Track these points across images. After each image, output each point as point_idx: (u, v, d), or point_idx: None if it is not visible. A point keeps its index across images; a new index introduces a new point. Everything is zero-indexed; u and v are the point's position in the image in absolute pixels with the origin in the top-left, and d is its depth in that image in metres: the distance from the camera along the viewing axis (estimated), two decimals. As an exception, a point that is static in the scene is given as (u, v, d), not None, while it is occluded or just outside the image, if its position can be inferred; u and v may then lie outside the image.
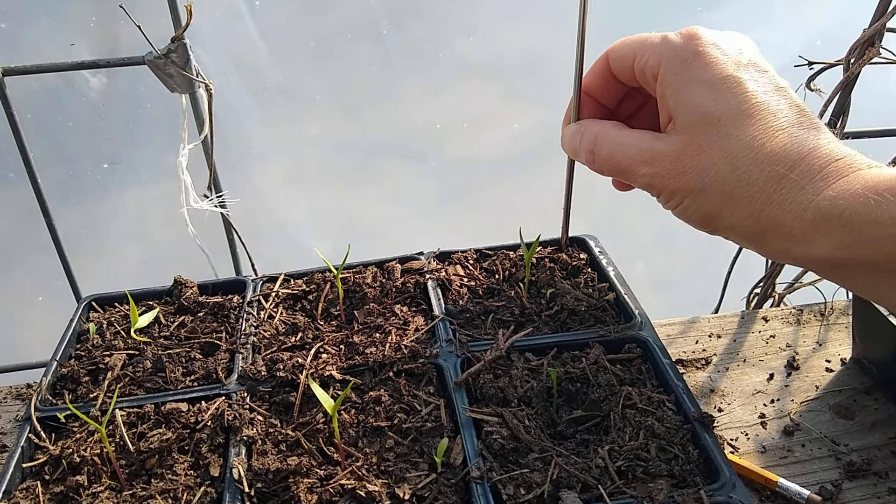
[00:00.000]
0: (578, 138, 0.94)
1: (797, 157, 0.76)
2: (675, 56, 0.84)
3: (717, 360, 1.29)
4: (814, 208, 0.73)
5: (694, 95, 0.82)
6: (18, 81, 1.20)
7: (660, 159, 0.84)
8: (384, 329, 0.96)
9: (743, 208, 0.79)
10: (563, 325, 0.98)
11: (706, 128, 0.81)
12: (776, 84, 0.82)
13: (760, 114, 0.79)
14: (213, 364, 0.92)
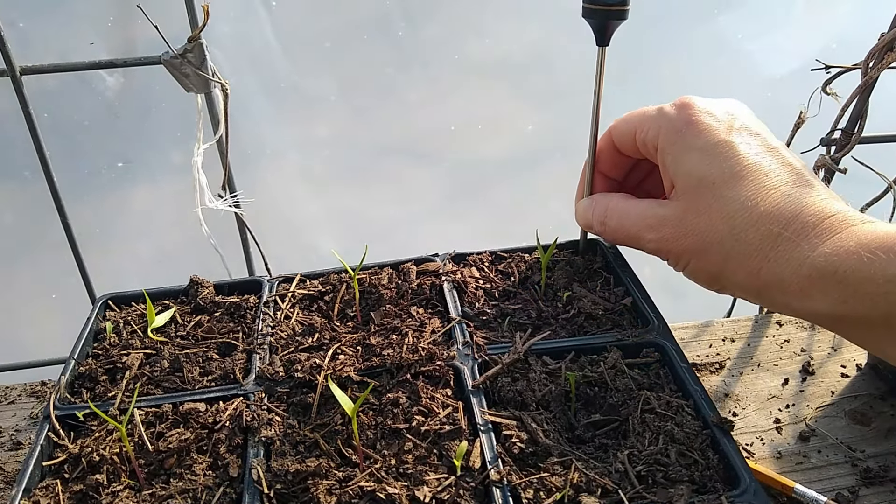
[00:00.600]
0: (591, 211, 1.02)
1: (791, 216, 0.79)
2: (670, 127, 0.90)
3: (732, 364, 1.29)
4: (809, 265, 0.76)
5: (690, 162, 0.87)
6: (35, 80, 1.21)
7: (664, 224, 0.90)
8: (401, 331, 0.96)
9: (742, 266, 0.83)
10: (580, 329, 0.98)
11: (703, 191, 0.86)
12: (768, 145, 0.87)
13: (753, 175, 0.83)
14: (231, 364, 0.92)
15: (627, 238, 0.98)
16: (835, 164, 1.19)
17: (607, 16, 0.91)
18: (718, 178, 0.85)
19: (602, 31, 0.93)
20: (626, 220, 0.96)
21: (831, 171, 1.23)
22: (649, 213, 0.93)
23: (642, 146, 0.95)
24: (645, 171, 1.05)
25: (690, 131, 0.89)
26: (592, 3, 0.91)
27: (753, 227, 0.81)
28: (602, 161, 1.04)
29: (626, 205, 0.98)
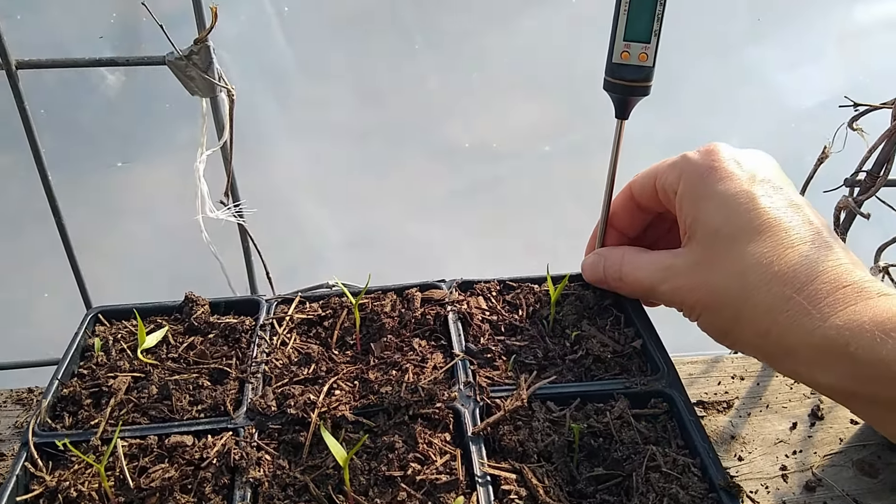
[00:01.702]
0: (601, 265, 1.00)
1: (805, 279, 0.76)
2: (692, 171, 0.87)
3: (740, 403, 1.25)
4: (820, 334, 0.73)
5: (708, 210, 0.84)
6: (33, 75, 1.16)
7: (677, 275, 0.87)
8: (401, 366, 0.92)
9: (751, 326, 0.80)
10: (587, 372, 0.94)
11: (719, 243, 0.83)
12: (791, 200, 0.83)
13: (772, 230, 0.80)
14: (222, 394, 0.89)
15: (642, 290, 0.96)
16: (857, 208, 1.15)
17: (630, 91, 0.89)
18: (736, 231, 0.82)
19: (623, 105, 0.91)
20: (641, 272, 0.94)
21: (853, 214, 1.19)
22: (664, 263, 0.91)
23: (662, 193, 0.92)
24: (661, 229, 1.02)
25: (712, 177, 0.85)
26: (614, 78, 0.88)
27: (766, 286, 0.78)
28: (618, 217, 1.01)
29: (639, 256, 0.96)
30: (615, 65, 0.88)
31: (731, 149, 0.88)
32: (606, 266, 1.00)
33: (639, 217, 1.01)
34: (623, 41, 0.87)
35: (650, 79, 0.89)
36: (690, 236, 0.88)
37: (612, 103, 0.93)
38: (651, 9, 0.85)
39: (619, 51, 0.87)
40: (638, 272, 0.94)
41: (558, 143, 1.77)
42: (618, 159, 0.96)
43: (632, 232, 1.03)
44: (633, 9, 0.85)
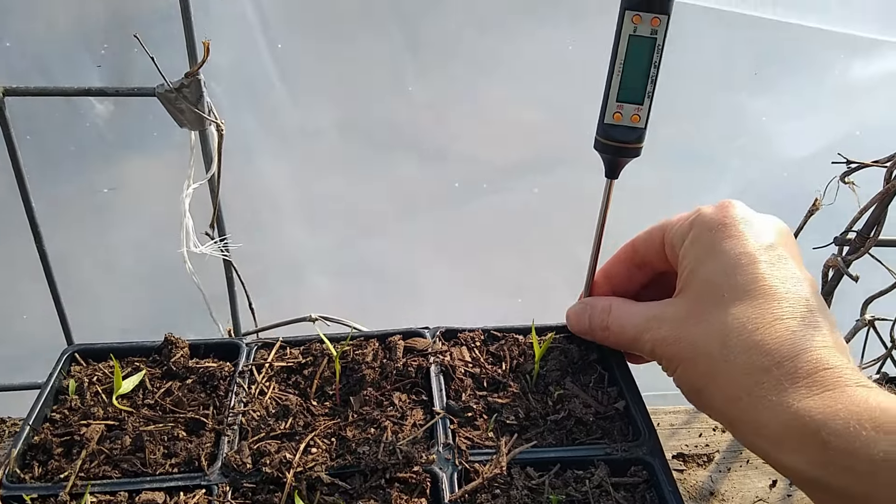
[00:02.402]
0: (587, 315, 0.98)
1: (787, 354, 0.74)
2: (703, 224, 0.85)
3: (720, 457, 1.24)
4: (792, 414, 0.71)
5: (707, 265, 0.83)
6: (20, 102, 1.15)
7: (662, 325, 0.85)
8: (380, 423, 0.91)
9: (724, 390, 0.78)
10: (568, 434, 0.93)
11: (709, 299, 0.81)
12: (792, 273, 0.81)
13: (765, 297, 0.78)
14: (197, 447, 0.87)
15: (626, 341, 0.93)
16: (846, 268, 1.14)
17: (621, 152, 0.89)
18: (728, 290, 0.80)
19: (613, 165, 0.91)
20: (626, 321, 0.92)
21: (841, 273, 1.18)
22: (651, 312, 0.89)
23: (669, 246, 0.91)
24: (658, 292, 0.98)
25: (720, 233, 0.84)
26: (606, 139, 0.88)
27: (746, 352, 0.76)
28: (615, 274, 1.00)
29: (627, 307, 0.94)
30: (607, 125, 0.88)
31: (745, 209, 0.86)
32: (592, 315, 0.98)
33: (638, 276, 1.00)
34: (616, 102, 0.86)
35: (642, 140, 0.88)
36: (683, 288, 0.86)
37: (602, 162, 0.92)
38: (645, 71, 0.84)
39: (612, 112, 0.87)
40: (624, 322, 0.93)
41: (548, 178, 1.77)
42: (606, 217, 0.95)
43: (627, 291, 1.01)
44: (628, 71, 0.85)
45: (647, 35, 0.83)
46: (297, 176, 1.69)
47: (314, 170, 1.71)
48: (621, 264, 1.00)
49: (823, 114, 1.65)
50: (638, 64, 0.85)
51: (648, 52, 0.84)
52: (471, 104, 1.74)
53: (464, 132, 1.80)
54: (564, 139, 1.79)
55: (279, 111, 1.55)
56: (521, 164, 1.85)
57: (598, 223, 0.97)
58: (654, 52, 0.84)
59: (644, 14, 0.82)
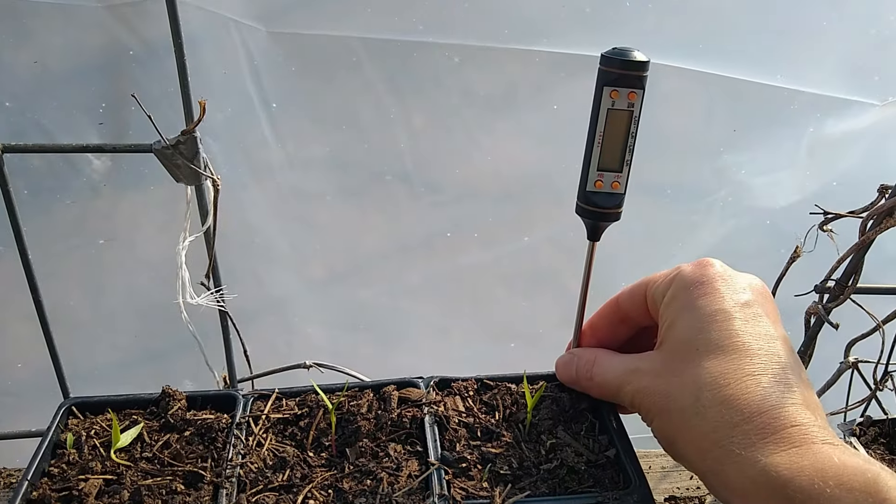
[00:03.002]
0: (573, 366, 1.01)
1: (756, 410, 0.76)
2: (682, 282, 0.88)
3: (711, 499, 1.26)
4: (759, 469, 0.73)
5: (684, 320, 0.85)
6: (18, 158, 1.17)
7: (641, 377, 0.88)
8: (375, 475, 0.92)
9: (694, 443, 0.80)
10: (561, 483, 0.94)
11: (684, 354, 0.84)
12: (766, 331, 0.83)
13: (737, 353, 0.80)
14: (195, 500, 0.88)
15: (609, 392, 0.97)
16: (826, 315, 1.18)
17: (602, 217, 0.93)
18: (703, 346, 0.83)
19: (595, 229, 0.95)
20: (609, 373, 0.95)
21: (822, 320, 1.22)
22: (631, 365, 0.92)
23: (651, 301, 0.94)
24: (642, 346, 1.02)
25: (698, 291, 0.87)
26: (587, 204, 0.92)
27: (716, 406, 0.78)
28: (600, 329, 1.03)
29: (610, 358, 0.97)
30: (588, 192, 0.92)
31: (724, 267, 0.90)
32: (579, 366, 1.01)
33: (622, 330, 1.03)
34: (597, 171, 0.90)
35: (622, 205, 0.93)
36: (661, 342, 0.89)
37: (584, 226, 0.96)
38: (624, 141, 0.89)
39: (593, 180, 0.91)
40: (607, 373, 0.96)
41: (541, 223, 1.81)
42: (590, 279, 0.99)
43: (613, 344, 1.04)
44: (607, 142, 0.89)
45: (625, 108, 0.88)
46: (289, 226, 1.73)
47: (306, 221, 1.74)
48: (605, 319, 1.03)
49: (801, 167, 1.72)
50: (616, 135, 0.89)
51: (626, 124, 0.88)
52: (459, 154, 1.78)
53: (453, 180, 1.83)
54: (550, 187, 1.84)
55: (273, 166, 1.59)
56: (509, 210, 1.89)
57: (582, 281, 1.01)
58: (631, 124, 0.88)
59: (621, 89, 0.87)
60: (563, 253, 1.85)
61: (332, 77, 1.51)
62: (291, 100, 1.48)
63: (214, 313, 1.39)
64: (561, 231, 1.77)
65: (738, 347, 0.81)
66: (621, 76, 0.86)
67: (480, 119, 1.65)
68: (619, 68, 0.87)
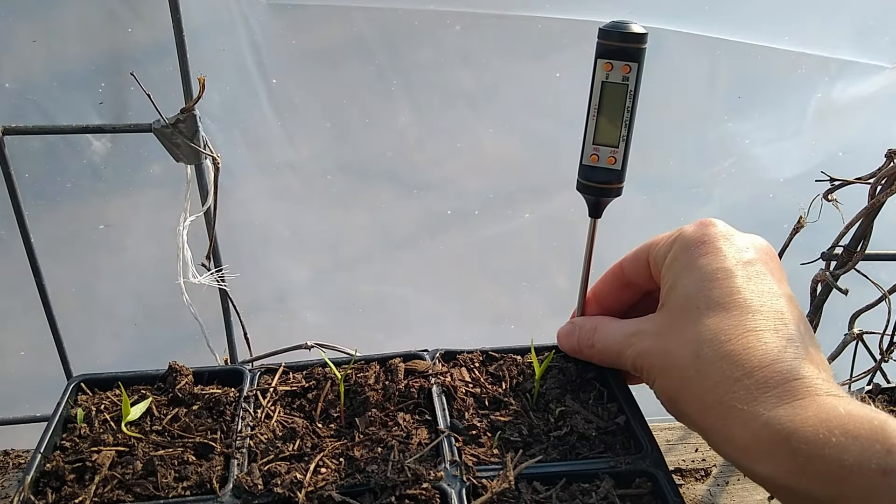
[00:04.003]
0: (575, 335, 1.01)
1: (757, 364, 0.75)
2: (683, 243, 0.88)
3: (717, 471, 1.26)
4: (762, 423, 0.72)
5: (685, 280, 0.85)
6: (19, 140, 1.16)
7: (642, 339, 0.88)
8: (386, 443, 0.92)
9: (695, 399, 0.80)
10: (572, 449, 0.95)
11: (685, 312, 0.83)
12: (769, 288, 0.83)
13: (738, 309, 0.80)
14: (208, 470, 0.88)
15: (611, 357, 0.97)
16: (834, 282, 1.18)
17: (601, 193, 0.93)
18: (703, 303, 0.82)
19: (595, 205, 0.95)
20: (610, 338, 0.95)
21: (829, 287, 1.22)
22: (632, 329, 0.92)
23: (654, 264, 0.93)
24: (646, 310, 1.00)
25: (700, 250, 0.86)
26: (585, 180, 0.92)
27: (717, 362, 0.78)
28: (604, 295, 1.03)
29: (611, 324, 0.97)
30: (586, 167, 0.92)
31: (726, 227, 0.89)
32: (580, 335, 1.01)
33: (626, 295, 1.03)
34: (593, 145, 0.90)
35: (621, 181, 0.92)
36: (663, 303, 0.89)
37: (585, 203, 0.96)
38: (619, 115, 0.89)
39: (589, 154, 0.91)
40: (607, 339, 0.96)
41: (533, 208, 1.81)
42: (592, 254, 1.00)
43: (617, 311, 1.04)
44: (602, 115, 0.89)
45: (619, 81, 0.87)
46: (288, 209, 1.72)
47: (305, 203, 1.73)
48: (609, 284, 1.03)
49: (807, 135, 1.70)
50: (611, 109, 0.89)
51: (621, 98, 0.88)
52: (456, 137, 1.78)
53: (450, 164, 1.83)
54: (547, 170, 1.84)
55: (272, 145, 1.58)
56: (506, 194, 1.89)
57: (584, 258, 1.01)
58: (626, 98, 0.88)
59: (615, 62, 0.86)
60: (560, 234, 1.85)
61: (334, 51, 1.51)
62: (292, 76, 1.48)
63: (214, 303, 1.38)
64: (558, 211, 1.77)
65: (740, 304, 0.81)
66: (616, 49, 0.86)
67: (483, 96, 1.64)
68: (613, 41, 0.87)
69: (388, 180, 1.74)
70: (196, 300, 1.30)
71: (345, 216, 1.76)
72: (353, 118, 1.60)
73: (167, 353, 1.71)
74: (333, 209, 1.73)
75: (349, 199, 1.73)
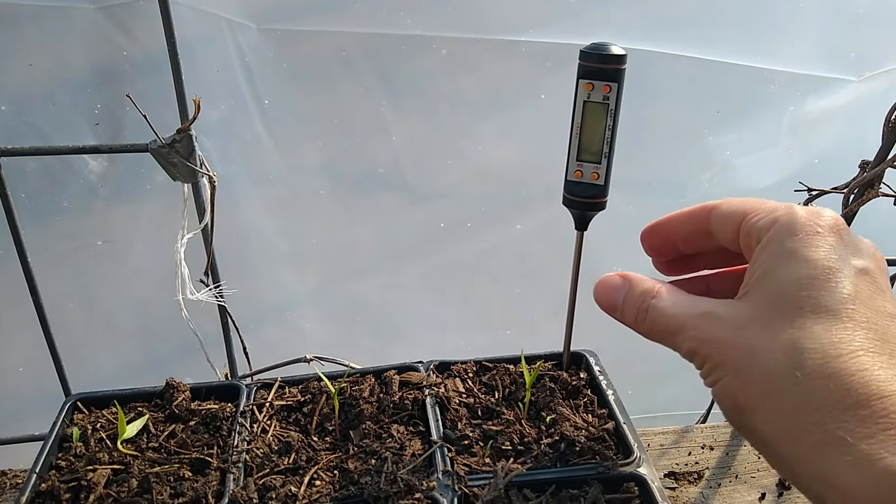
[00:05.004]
0: (622, 291, 0.81)
1: (875, 394, 0.60)
2: (791, 225, 0.71)
3: (710, 474, 1.28)
4: (882, 468, 0.57)
5: (785, 271, 0.69)
6: (15, 160, 1.18)
7: (717, 325, 0.71)
8: (380, 455, 0.94)
9: (784, 418, 0.64)
10: (562, 457, 0.96)
11: (784, 309, 0.67)
12: (884, 307, 0.68)
13: (852, 323, 0.65)
14: (203, 486, 0.89)
15: (665, 331, 0.77)
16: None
17: (585, 207, 0.94)
18: (810, 306, 0.66)
19: (581, 219, 0.96)
20: (674, 308, 0.76)
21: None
22: (703, 306, 0.74)
23: (744, 235, 0.76)
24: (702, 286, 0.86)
25: (811, 240, 0.69)
26: (573, 195, 0.93)
27: (821, 380, 0.62)
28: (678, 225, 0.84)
29: (678, 294, 0.78)
30: (570, 182, 0.94)
31: (843, 223, 0.72)
32: (631, 292, 0.81)
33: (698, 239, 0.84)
34: (576, 161, 0.92)
35: (604, 195, 0.94)
36: (750, 290, 0.72)
37: (571, 217, 0.97)
38: (601, 133, 0.90)
39: (573, 170, 0.93)
40: (671, 309, 0.76)
41: (528, 215, 1.83)
42: (579, 268, 1.00)
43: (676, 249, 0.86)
44: (584, 133, 0.90)
45: (600, 101, 0.89)
46: (285, 223, 1.74)
47: (301, 216, 1.75)
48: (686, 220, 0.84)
49: (783, 146, 1.75)
50: (593, 127, 0.91)
51: (602, 116, 0.90)
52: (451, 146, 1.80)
53: (442, 178, 1.86)
54: (541, 177, 1.86)
55: (268, 165, 1.61)
56: (501, 202, 1.91)
57: (572, 271, 1.02)
58: (607, 116, 0.90)
59: (595, 82, 0.88)
60: (555, 242, 1.87)
61: (324, 72, 1.53)
62: (284, 96, 1.50)
63: (214, 316, 1.40)
64: (552, 220, 1.79)
65: (854, 317, 0.65)
66: (596, 69, 0.88)
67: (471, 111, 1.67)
68: (594, 62, 0.89)
69: (382, 193, 1.76)
70: (196, 313, 1.31)
71: (340, 229, 1.78)
72: (345, 135, 1.63)
73: (167, 366, 1.74)
74: (329, 222, 1.76)
75: (344, 212, 1.75)
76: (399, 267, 1.88)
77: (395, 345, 1.89)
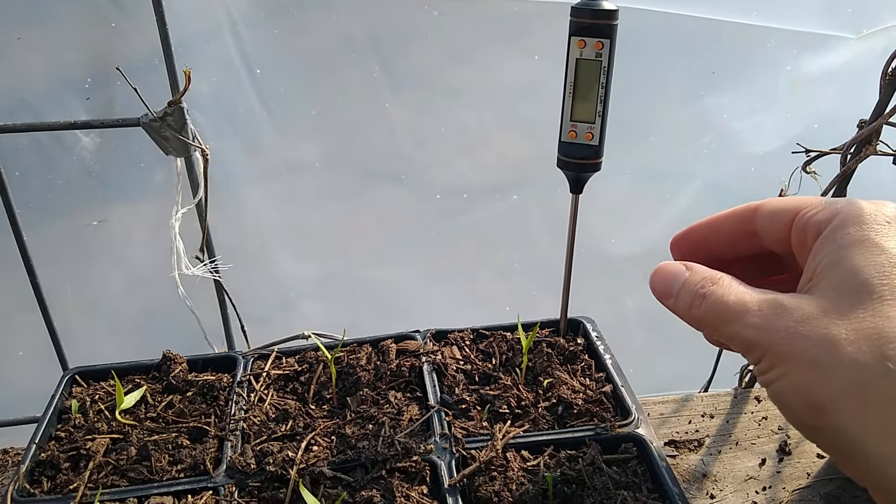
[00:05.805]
0: (680, 279, 0.77)
1: None
2: (858, 215, 0.68)
3: (710, 441, 1.28)
4: None
5: (858, 259, 0.65)
6: (7, 138, 1.18)
7: (782, 312, 0.66)
8: (377, 420, 0.94)
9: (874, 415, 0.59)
10: (559, 420, 0.96)
11: (860, 299, 0.63)
12: None
13: None
14: (201, 453, 0.90)
15: (720, 319, 0.72)
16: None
17: (580, 168, 0.93)
18: (889, 293, 0.62)
19: (576, 181, 0.96)
20: (731, 295, 0.72)
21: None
22: (767, 295, 0.69)
23: (799, 230, 0.73)
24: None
25: (884, 230, 0.67)
26: (564, 156, 0.93)
27: None
28: (719, 228, 0.82)
29: (737, 283, 0.73)
30: (564, 143, 0.93)
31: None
32: (690, 280, 0.76)
33: (742, 243, 0.82)
34: (570, 122, 0.92)
35: (599, 156, 0.93)
36: (817, 282, 0.68)
37: (566, 179, 0.97)
38: (594, 92, 0.90)
39: (567, 130, 0.92)
40: (731, 295, 0.72)
41: (526, 195, 1.83)
42: (575, 230, 1.00)
43: (717, 255, 0.83)
44: (578, 92, 0.90)
45: (593, 58, 0.89)
46: (282, 201, 1.74)
47: (298, 195, 1.75)
48: (729, 222, 0.82)
49: (781, 108, 1.73)
50: (586, 85, 0.90)
51: (595, 74, 0.89)
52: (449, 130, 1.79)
53: (444, 157, 1.85)
54: (538, 160, 1.85)
55: (261, 138, 1.60)
56: (499, 184, 1.90)
57: (568, 236, 1.02)
58: (600, 74, 0.89)
59: (588, 39, 0.88)
60: (550, 217, 1.86)
61: (314, 35, 1.52)
62: (275, 63, 1.49)
63: (211, 295, 1.40)
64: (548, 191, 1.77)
65: None
66: (588, 25, 0.88)
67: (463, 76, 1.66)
68: (585, 18, 0.88)
69: (379, 170, 1.75)
70: (193, 296, 1.31)
71: (337, 207, 1.78)
72: (339, 104, 1.62)
73: (166, 346, 1.73)
74: (325, 200, 1.75)
75: (341, 191, 1.75)
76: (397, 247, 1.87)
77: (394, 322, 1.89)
